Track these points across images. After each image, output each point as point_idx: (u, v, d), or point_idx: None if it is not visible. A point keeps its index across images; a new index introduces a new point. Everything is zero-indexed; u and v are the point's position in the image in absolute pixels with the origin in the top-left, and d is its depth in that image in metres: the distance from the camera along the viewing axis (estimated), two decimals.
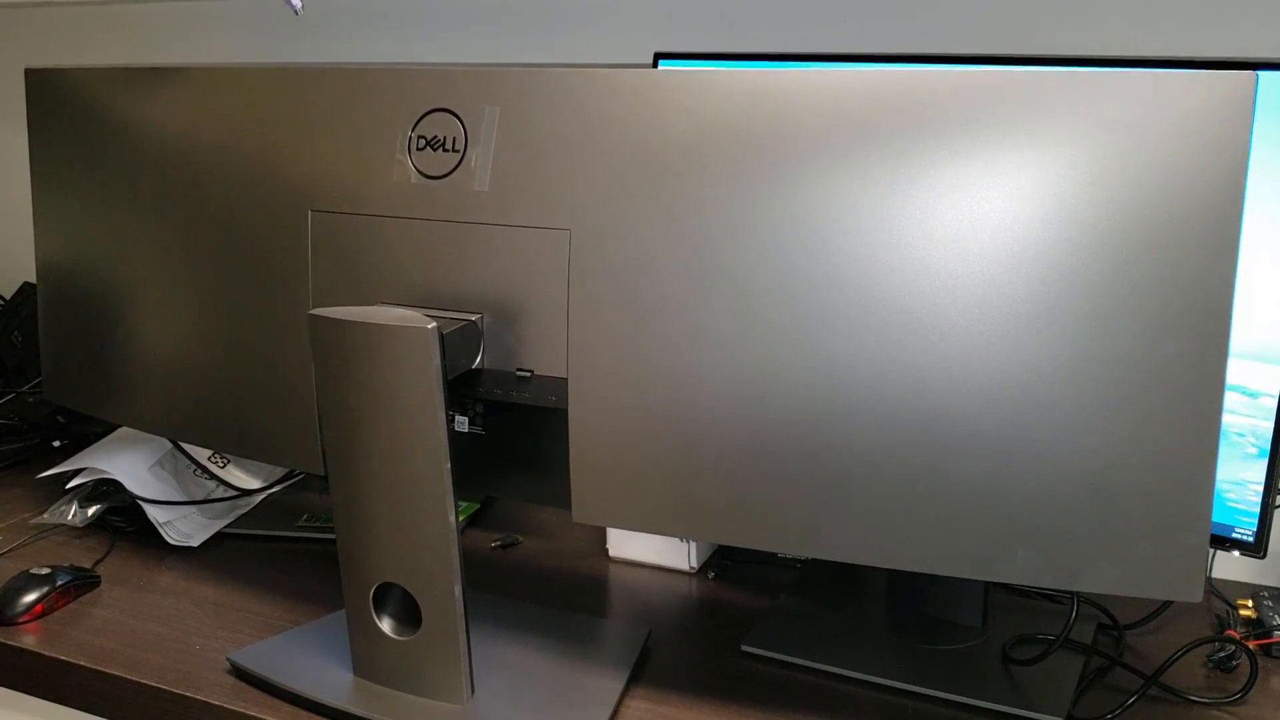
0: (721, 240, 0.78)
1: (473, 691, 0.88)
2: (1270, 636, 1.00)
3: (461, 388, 0.88)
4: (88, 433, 1.39)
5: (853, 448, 0.77)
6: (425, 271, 0.87)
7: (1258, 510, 0.91)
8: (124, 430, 1.28)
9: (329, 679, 0.91)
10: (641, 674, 0.95)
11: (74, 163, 1.06)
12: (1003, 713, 0.90)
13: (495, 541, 1.22)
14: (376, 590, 0.88)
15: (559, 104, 0.82)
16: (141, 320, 1.03)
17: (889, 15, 1.24)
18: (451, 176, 0.86)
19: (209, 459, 1.28)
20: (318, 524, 1.23)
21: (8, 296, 1.66)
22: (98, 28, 1.70)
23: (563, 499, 0.87)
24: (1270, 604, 1.05)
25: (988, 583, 1.02)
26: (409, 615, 0.87)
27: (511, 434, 0.91)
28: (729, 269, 0.78)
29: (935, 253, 0.73)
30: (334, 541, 0.89)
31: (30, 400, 1.45)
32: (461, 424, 0.92)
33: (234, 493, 1.27)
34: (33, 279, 1.56)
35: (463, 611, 0.85)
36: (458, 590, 0.84)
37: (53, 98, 1.07)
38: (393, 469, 0.83)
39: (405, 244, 0.88)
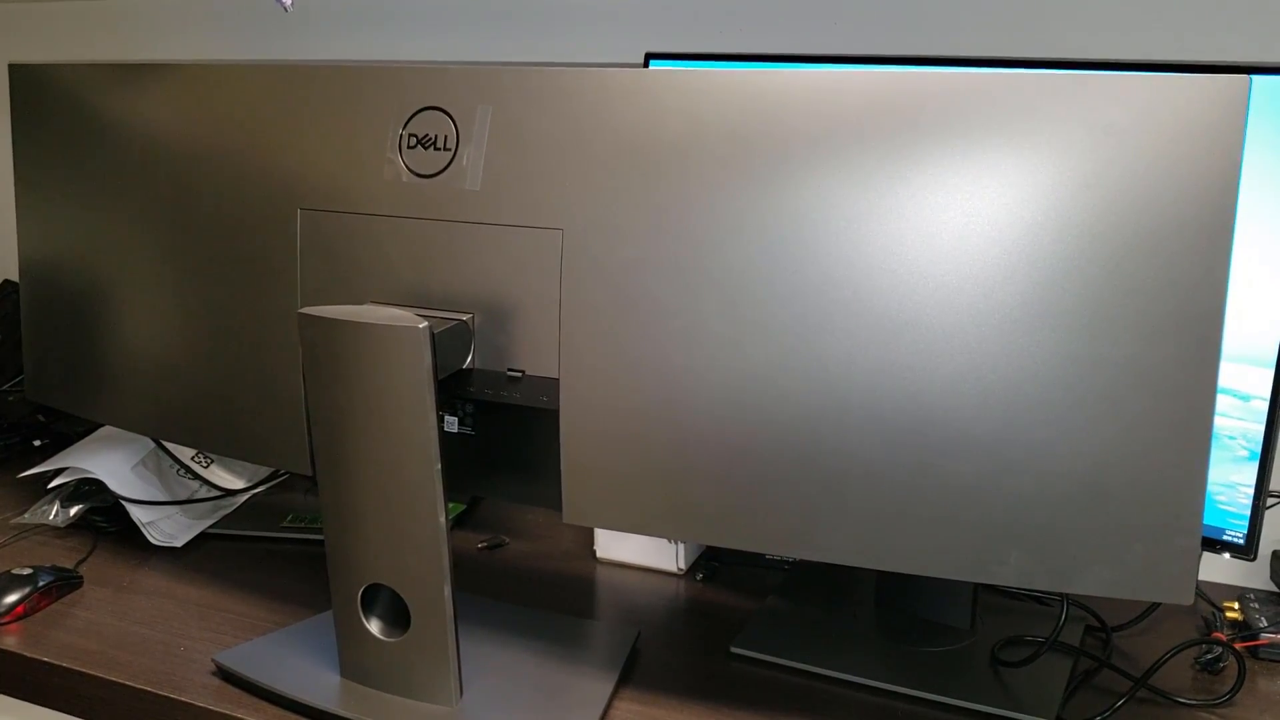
0: (714, 241, 0.78)
1: (461, 693, 0.88)
2: (1257, 639, 1.01)
3: (452, 388, 0.88)
4: (69, 432, 1.38)
5: (845, 449, 0.77)
6: (416, 271, 0.87)
7: (1248, 513, 0.91)
8: (106, 429, 1.27)
9: (316, 681, 0.90)
10: (630, 676, 0.95)
11: (58, 159, 1.05)
12: (992, 714, 0.90)
13: (482, 542, 1.22)
14: (365, 591, 0.87)
15: (552, 103, 0.82)
16: (126, 319, 1.02)
17: (882, 17, 1.24)
18: (443, 175, 0.85)
19: (192, 459, 1.27)
20: (302, 524, 1.23)
21: None
22: (83, 23, 1.69)
23: (553, 500, 0.86)
24: (1256, 606, 1.05)
25: (977, 584, 1.02)
26: (398, 617, 0.87)
27: (502, 434, 0.90)
28: (722, 270, 0.78)
29: (928, 255, 0.73)
30: (319, 542, 0.88)
31: (11, 399, 1.44)
32: (451, 424, 0.92)
33: (218, 493, 1.27)
34: (13, 276, 1.55)
35: (452, 613, 0.84)
36: (447, 591, 0.84)
37: (37, 93, 1.06)
38: (382, 469, 0.83)
39: (396, 243, 0.87)
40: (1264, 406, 0.89)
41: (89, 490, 1.20)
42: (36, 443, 1.41)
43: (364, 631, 0.88)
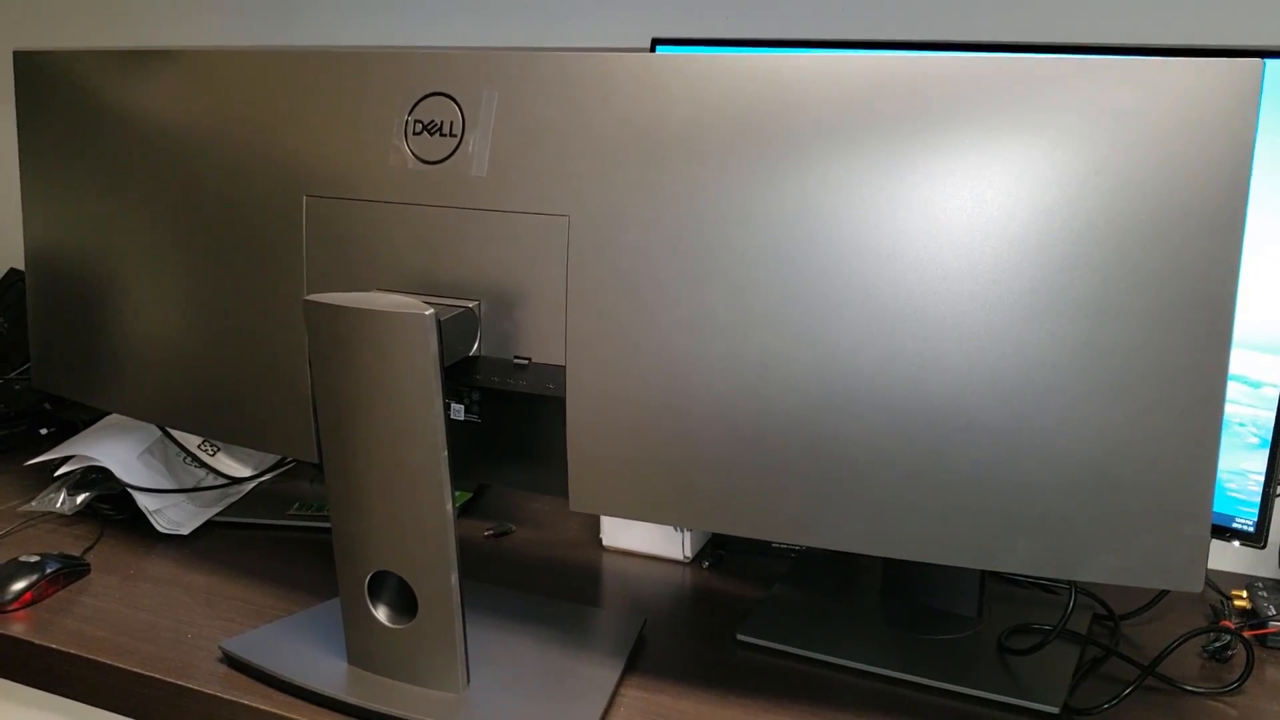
0: (721, 227, 0.78)
1: (468, 680, 0.88)
2: (1265, 626, 1.01)
3: (458, 375, 0.88)
4: (76, 420, 1.38)
5: (852, 437, 0.77)
6: (422, 258, 0.87)
7: (1258, 500, 0.91)
8: (113, 417, 1.27)
9: (323, 668, 0.90)
10: (637, 663, 0.95)
11: (63, 147, 1.05)
12: (999, 702, 0.90)
13: (488, 530, 1.22)
14: (372, 579, 0.87)
15: (558, 88, 0.81)
16: (132, 306, 1.02)
17: (889, 1, 1.23)
18: (449, 161, 0.85)
19: (199, 446, 1.27)
20: (309, 512, 1.23)
21: None
22: (88, 9, 1.68)
23: (559, 488, 0.86)
24: (1265, 594, 1.05)
25: (984, 572, 1.02)
26: (405, 604, 0.87)
27: (508, 422, 0.90)
28: (728, 256, 0.78)
29: (936, 241, 0.73)
30: (326, 530, 0.88)
31: (17, 387, 1.44)
32: (458, 412, 0.91)
33: (224, 481, 1.27)
34: (18, 265, 1.55)
35: (459, 600, 0.84)
36: (454, 579, 0.84)
37: (41, 81, 1.05)
38: (389, 457, 0.83)
39: (402, 230, 0.87)
40: (1275, 394, 0.88)
41: (96, 478, 1.20)
42: (43, 430, 1.41)
43: (371, 619, 0.88)
